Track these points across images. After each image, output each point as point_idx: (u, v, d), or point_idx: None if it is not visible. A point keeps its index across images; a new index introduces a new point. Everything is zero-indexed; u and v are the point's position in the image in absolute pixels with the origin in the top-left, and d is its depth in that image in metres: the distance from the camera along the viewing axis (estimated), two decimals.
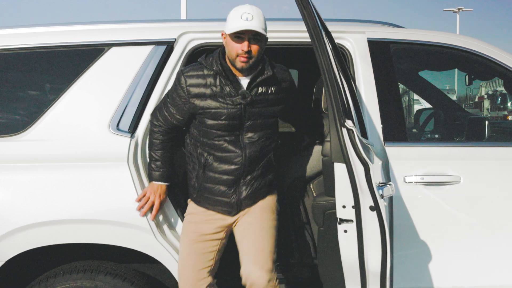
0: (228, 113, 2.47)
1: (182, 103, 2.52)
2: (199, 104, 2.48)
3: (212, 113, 2.47)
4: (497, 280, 2.77)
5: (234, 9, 2.45)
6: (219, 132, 2.50)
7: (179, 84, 2.50)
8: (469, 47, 2.95)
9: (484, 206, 2.75)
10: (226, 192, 2.56)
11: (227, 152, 2.52)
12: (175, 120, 2.58)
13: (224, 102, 2.47)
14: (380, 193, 2.24)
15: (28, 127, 2.67)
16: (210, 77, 2.47)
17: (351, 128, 2.21)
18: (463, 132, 3.51)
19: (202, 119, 2.50)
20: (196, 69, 2.50)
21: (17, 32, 2.89)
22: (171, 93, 2.56)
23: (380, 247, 2.28)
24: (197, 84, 2.47)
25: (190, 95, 2.48)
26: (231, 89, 2.47)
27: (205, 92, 2.47)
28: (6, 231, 2.53)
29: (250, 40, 2.40)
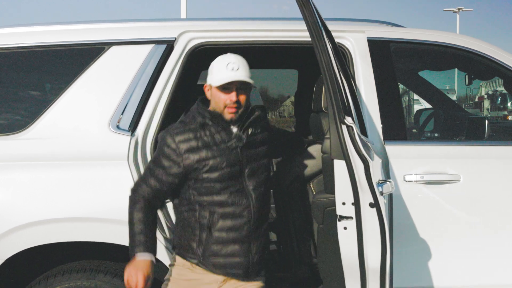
0: (227, 160, 2.33)
1: (173, 165, 2.32)
2: (194, 159, 2.30)
3: (211, 164, 2.31)
4: (496, 279, 2.78)
5: (218, 60, 2.37)
6: (222, 184, 2.33)
7: (166, 146, 2.33)
8: (469, 47, 2.96)
9: (484, 205, 2.75)
10: (239, 251, 2.36)
11: (233, 206, 2.34)
12: (165, 186, 2.36)
13: (219, 150, 2.33)
14: (380, 190, 2.25)
15: (29, 125, 2.67)
16: (197, 130, 2.35)
17: (350, 125, 2.21)
18: (463, 132, 3.51)
19: (200, 175, 2.32)
20: (180, 126, 2.37)
21: (17, 31, 2.90)
22: (157, 161, 2.36)
23: (380, 244, 2.29)
24: (186, 139, 2.32)
25: (182, 151, 2.31)
26: (224, 135, 2.35)
27: (198, 145, 2.32)
28: (6, 229, 2.53)
29: (237, 90, 2.33)
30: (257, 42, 2.92)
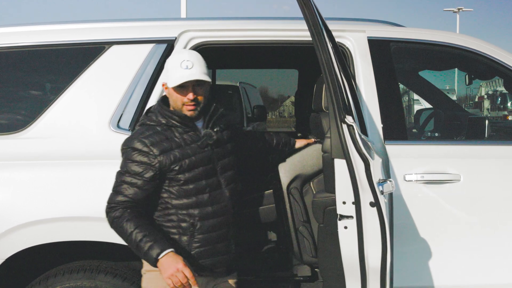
0: (201, 159, 2.31)
1: (148, 169, 2.25)
2: (169, 160, 2.26)
3: (186, 164, 2.28)
4: (496, 278, 2.78)
5: (172, 57, 2.36)
6: (199, 184, 2.31)
7: (137, 152, 2.26)
8: (469, 46, 2.95)
9: (484, 205, 2.75)
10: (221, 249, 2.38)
11: (212, 205, 2.34)
12: (143, 193, 2.25)
13: (191, 149, 2.30)
14: (380, 189, 2.25)
15: (29, 125, 2.67)
16: (166, 132, 2.31)
17: (351, 124, 2.22)
18: (463, 131, 3.52)
19: (176, 177, 2.28)
20: (146, 130, 2.32)
21: (17, 30, 2.90)
22: (129, 170, 2.26)
23: (380, 243, 2.29)
24: (158, 142, 2.27)
25: (157, 153, 2.25)
26: (192, 134, 2.34)
27: (171, 146, 2.28)
28: (6, 228, 2.53)
29: (193, 87, 2.30)
30: (257, 41, 2.93)
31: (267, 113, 10.22)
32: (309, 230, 3.05)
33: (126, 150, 2.30)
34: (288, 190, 3.09)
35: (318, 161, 2.98)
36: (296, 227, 3.09)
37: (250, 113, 9.04)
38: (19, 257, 2.62)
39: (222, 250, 2.40)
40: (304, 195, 3.10)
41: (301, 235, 3.06)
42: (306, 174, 3.07)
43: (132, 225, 2.19)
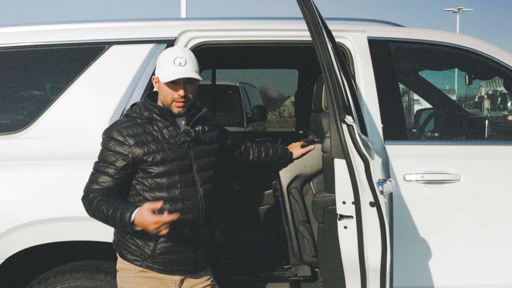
0: (175, 154, 2.32)
1: (121, 158, 2.27)
2: (142, 151, 2.27)
3: (159, 158, 2.29)
4: (497, 278, 2.78)
5: (166, 53, 2.35)
6: (171, 178, 2.31)
7: (113, 140, 2.29)
8: (469, 46, 2.96)
9: (484, 205, 2.75)
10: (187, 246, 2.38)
11: (183, 201, 2.33)
12: (116, 182, 2.28)
13: (167, 144, 2.32)
14: (380, 189, 2.25)
15: (29, 125, 2.67)
16: (145, 125, 2.33)
17: (351, 124, 2.22)
18: (463, 131, 3.52)
19: (149, 169, 2.29)
20: (127, 121, 2.34)
21: (18, 30, 2.90)
22: (104, 158, 2.29)
23: (380, 243, 2.29)
24: (135, 134, 2.30)
25: (131, 144, 2.27)
26: (172, 130, 2.34)
27: (147, 138, 2.30)
28: (6, 228, 2.53)
29: (184, 84, 2.32)
30: (257, 41, 2.93)
31: (267, 113, 10.22)
32: (309, 230, 3.05)
33: (104, 139, 2.33)
34: (288, 190, 3.09)
35: (318, 161, 2.98)
36: (296, 227, 3.09)
37: (250, 113, 9.03)
38: (19, 257, 2.62)
39: (190, 248, 2.38)
40: (304, 195, 3.10)
41: (301, 235, 3.06)
42: (306, 174, 3.07)
43: (102, 203, 2.23)
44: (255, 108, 8.14)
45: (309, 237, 3.03)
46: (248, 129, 8.74)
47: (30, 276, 2.74)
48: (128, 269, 2.38)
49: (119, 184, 2.31)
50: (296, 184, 3.08)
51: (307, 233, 3.04)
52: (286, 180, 3.09)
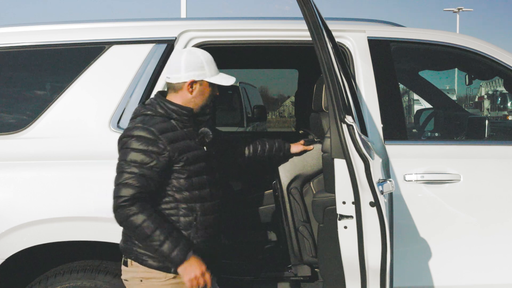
0: (202, 154, 2.31)
1: (157, 158, 2.17)
2: (177, 150, 2.21)
3: (191, 156, 2.26)
4: (497, 278, 2.78)
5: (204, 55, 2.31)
6: (200, 178, 2.29)
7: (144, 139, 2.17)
8: (469, 46, 2.96)
9: (484, 205, 2.75)
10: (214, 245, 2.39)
11: (211, 200, 2.33)
12: (153, 184, 2.18)
13: (192, 143, 2.29)
14: (380, 189, 2.25)
15: (29, 125, 2.67)
16: (170, 121, 2.27)
17: (351, 124, 2.22)
18: (463, 131, 3.52)
19: (182, 169, 2.24)
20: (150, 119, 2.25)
21: (18, 30, 2.90)
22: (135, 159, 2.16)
23: (380, 243, 2.29)
24: (166, 129, 2.22)
25: (165, 143, 2.19)
26: (192, 130, 2.32)
27: (176, 136, 2.24)
28: (6, 228, 2.53)
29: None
30: (257, 41, 2.93)
31: (267, 113, 10.23)
32: (309, 230, 3.05)
33: (130, 140, 2.19)
34: (288, 190, 3.10)
35: (318, 161, 2.98)
36: (296, 227, 3.09)
37: (250, 113, 9.04)
38: (19, 257, 2.62)
39: (215, 246, 2.41)
40: (304, 195, 3.10)
41: (301, 235, 3.06)
42: (306, 174, 3.07)
43: (152, 223, 2.11)
44: (255, 108, 8.15)
45: (309, 237, 3.03)
46: (248, 129, 8.74)
47: (30, 276, 2.74)
48: (157, 277, 2.25)
49: (155, 188, 2.20)
50: (296, 184, 3.08)
51: (307, 233, 3.04)
52: (286, 180, 3.09)
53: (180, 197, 2.26)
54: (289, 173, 3.08)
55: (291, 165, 3.08)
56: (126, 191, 2.13)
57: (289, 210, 3.10)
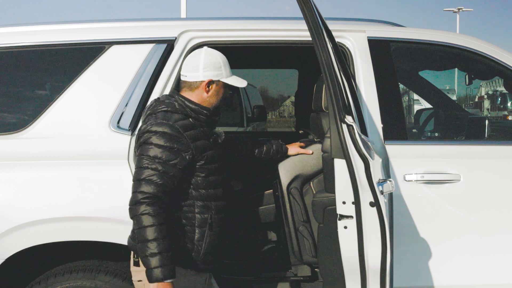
0: (217, 153, 2.34)
1: (182, 156, 2.18)
2: (198, 148, 2.23)
3: (210, 155, 2.29)
4: (497, 278, 2.78)
5: (220, 55, 2.41)
6: (216, 176, 2.32)
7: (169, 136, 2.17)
8: (469, 46, 2.96)
9: (484, 205, 2.75)
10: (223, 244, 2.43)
11: (224, 199, 2.36)
12: (175, 182, 2.18)
13: (210, 142, 2.33)
14: (380, 189, 2.25)
15: (29, 125, 2.67)
16: (189, 119, 2.29)
17: (351, 124, 2.22)
18: (463, 131, 3.52)
19: (203, 167, 2.26)
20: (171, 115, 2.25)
21: (18, 30, 2.90)
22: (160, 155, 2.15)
23: (380, 243, 2.29)
24: (188, 126, 2.24)
25: (189, 140, 2.21)
26: (207, 130, 2.36)
27: (198, 134, 2.27)
28: (6, 228, 2.53)
29: None
30: (257, 41, 2.93)
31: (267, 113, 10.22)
32: (309, 230, 3.05)
33: (154, 136, 2.17)
34: (288, 190, 3.09)
35: (318, 161, 2.98)
36: (296, 227, 3.09)
37: (250, 113, 9.04)
38: (19, 257, 2.62)
39: (221, 245, 2.44)
40: (304, 195, 3.10)
41: (301, 235, 3.06)
42: (306, 174, 3.07)
43: (158, 233, 2.09)
44: (255, 108, 8.14)
45: (309, 237, 3.03)
46: (248, 129, 8.74)
47: (30, 276, 2.74)
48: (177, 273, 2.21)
49: (177, 185, 2.20)
50: (296, 184, 3.08)
51: (307, 233, 3.04)
52: (286, 180, 3.09)
53: (197, 195, 2.29)
54: (289, 173, 3.08)
55: (291, 165, 3.08)
56: (149, 187, 2.13)
57: (289, 210, 3.10)
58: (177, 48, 2.80)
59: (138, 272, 2.31)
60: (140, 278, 2.31)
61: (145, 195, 2.12)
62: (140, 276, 2.30)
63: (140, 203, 2.12)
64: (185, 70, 2.39)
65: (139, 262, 2.29)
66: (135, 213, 2.13)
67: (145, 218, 2.10)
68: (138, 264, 2.30)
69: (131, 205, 2.15)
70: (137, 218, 2.13)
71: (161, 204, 2.13)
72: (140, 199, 2.12)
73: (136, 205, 2.12)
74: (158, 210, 2.11)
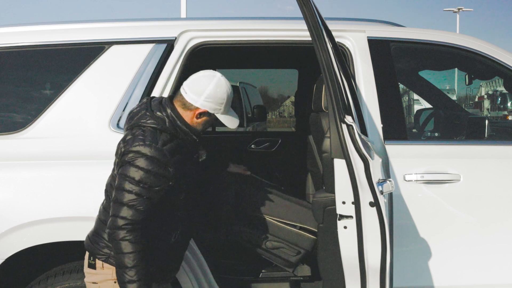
0: (196, 173, 2.36)
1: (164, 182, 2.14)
2: (182, 173, 2.21)
3: (191, 179, 2.30)
4: (497, 278, 2.78)
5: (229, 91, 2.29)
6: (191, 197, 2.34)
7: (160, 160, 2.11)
8: (469, 46, 2.96)
9: (484, 205, 2.75)
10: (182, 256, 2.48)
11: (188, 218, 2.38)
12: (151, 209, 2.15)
13: (193, 162, 2.34)
14: (380, 189, 2.25)
15: (29, 125, 2.67)
16: (176, 140, 2.22)
17: (350, 124, 2.22)
18: (463, 131, 3.52)
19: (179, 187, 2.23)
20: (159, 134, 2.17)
21: (18, 30, 2.90)
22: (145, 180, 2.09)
23: (379, 243, 2.29)
24: (175, 150, 2.18)
25: (174, 165, 2.16)
26: (191, 148, 2.32)
27: (183, 159, 2.23)
28: (6, 228, 2.53)
29: None
30: (257, 41, 2.93)
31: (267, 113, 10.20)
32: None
33: (139, 158, 2.11)
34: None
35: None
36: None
37: (250, 113, 9.03)
38: (19, 256, 2.62)
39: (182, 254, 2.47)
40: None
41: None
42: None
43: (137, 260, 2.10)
44: (255, 108, 8.14)
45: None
46: (248, 129, 8.74)
47: (30, 276, 2.74)
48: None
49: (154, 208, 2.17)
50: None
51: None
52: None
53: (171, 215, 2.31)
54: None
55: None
56: (130, 213, 2.09)
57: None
58: (177, 48, 2.80)
59: (94, 274, 2.30)
60: (95, 280, 2.30)
61: (126, 221, 2.09)
62: (95, 278, 2.30)
63: (121, 228, 2.09)
64: (189, 86, 2.25)
65: (94, 264, 2.28)
66: (115, 238, 2.10)
67: (125, 245, 2.09)
68: (94, 266, 2.29)
69: (111, 230, 2.11)
70: (116, 244, 2.11)
71: (140, 229, 2.12)
72: (121, 226, 2.09)
73: (117, 230, 2.10)
74: (137, 236, 2.10)
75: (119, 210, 2.10)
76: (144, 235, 2.14)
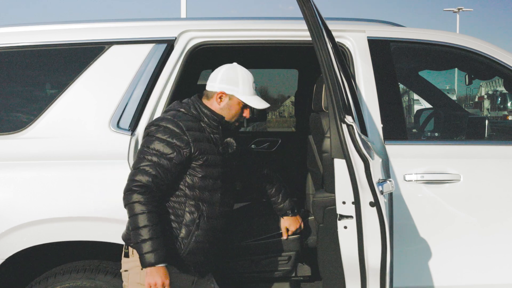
0: (222, 160, 2.39)
1: (178, 152, 2.26)
2: (199, 150, 2.30)
3: (211, 158, 2.34)
4: (496, 278, 2.78)
5: (242, 73, 2.44)
6: (217, 183, 2.38)
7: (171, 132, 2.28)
8: (469, 46, 2.96)
9: (484, 205, 2.75)
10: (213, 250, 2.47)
11: (221, 206, 2.42)
12: (169, 176, 2.27)
13: (216, 148, 2.38)
14: (380, 189, 2.25)
15: (29, 125, 2.67)
16: (199, 122, 2.38)
17: (351, 124, 2.22)
18: (463, 131, 3.52)
19: (199, 168, 2.33)
20: (182, 115, 2.36)
21: (18, 30, 2.90)
22: (158, 148, 2.26)
23: (380, 243, 2.29)
24: (193, 128, 2.33)
25: (189, 140, 2.28)
26: (218, 137, 2.40)
27: (202, 136, 2.34)
28: (6, 228, 2.53)
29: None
30: (257, 41, 2.93)
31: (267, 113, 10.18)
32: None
33: (157, 129, 2.30)
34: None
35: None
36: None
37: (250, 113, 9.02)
38: (19, 256, 2.62)
39: (213, 251, 2.48)
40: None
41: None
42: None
43: (148, 219, 2.19)
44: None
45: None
46: (248, 129, 8.74)
47: (30, 276, 2.74)
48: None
49: (170, 180, 2.28)
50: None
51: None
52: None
53: (191, 194, 2.35)
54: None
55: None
56: (142, 177, 2.23)
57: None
58: (177, 48, 2.80)
59: (126, 262, 2.39)
60: (126, 268, 2.39)
61: (137, 183, 2.23)
62: (127, 266, 2.38)
63: (132, 191, 2.22)
64: (208, 79, 2.46)
65: (128, 253, 2.37)
66: (128, 201, 2.23)
67: (137, 206, 2.20)
68: (128, 255, 2.37)
69: (125, 192, 2.25)
70: (129, 206, 2.23)
71: (153, 193, 2.23)
72: (132, 187, 2.23)
73: (129, 192, 2.23)
74: (149, 198, 2.21)
75: (133, 174, 2.26)
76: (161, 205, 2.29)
